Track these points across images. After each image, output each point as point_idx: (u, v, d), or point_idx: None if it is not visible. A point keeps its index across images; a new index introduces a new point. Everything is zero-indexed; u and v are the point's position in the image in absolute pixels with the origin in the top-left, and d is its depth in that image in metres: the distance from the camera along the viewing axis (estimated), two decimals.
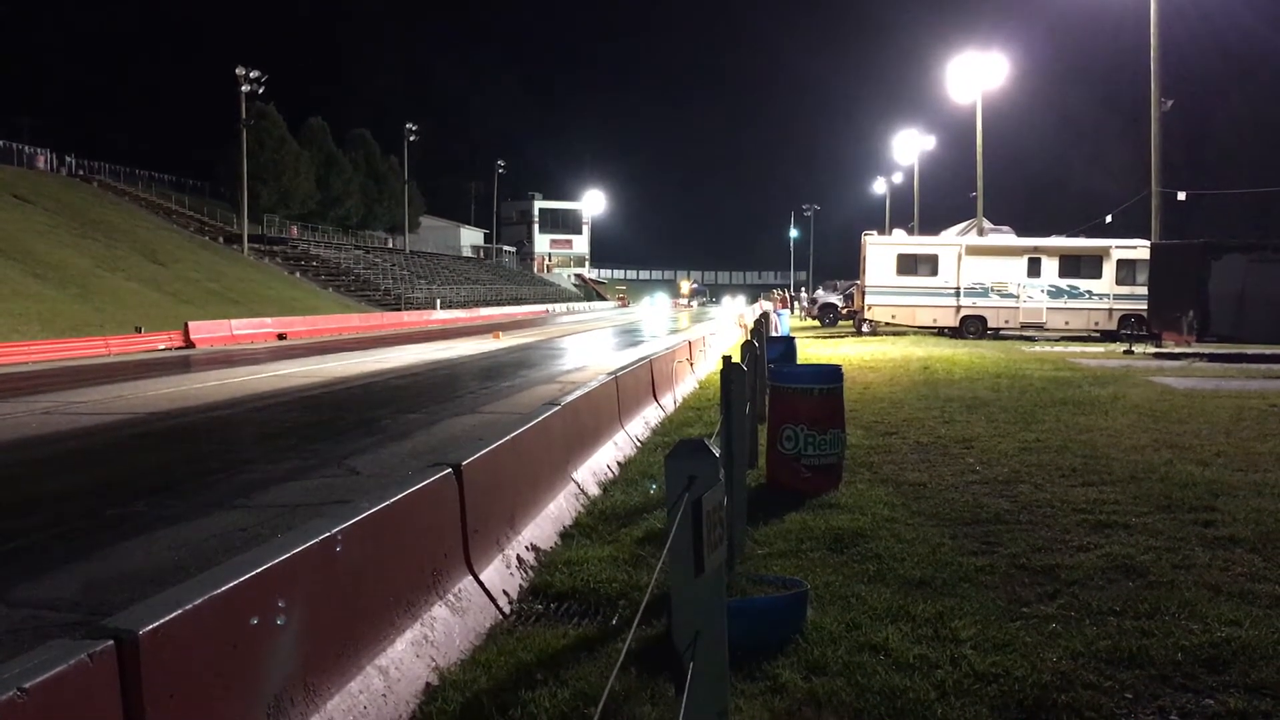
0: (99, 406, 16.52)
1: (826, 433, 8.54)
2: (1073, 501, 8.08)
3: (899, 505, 8.02)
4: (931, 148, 69.04)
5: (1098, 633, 5.06)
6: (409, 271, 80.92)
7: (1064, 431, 11.83)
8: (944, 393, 16.27)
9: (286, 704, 3.62)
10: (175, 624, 3.03)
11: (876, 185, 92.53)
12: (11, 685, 2.39)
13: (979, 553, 6.62)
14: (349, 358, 28.05)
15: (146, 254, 52.18)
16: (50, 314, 35.96)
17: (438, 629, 4.89)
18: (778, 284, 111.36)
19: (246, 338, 38.39)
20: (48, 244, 45.60)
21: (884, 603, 5.52)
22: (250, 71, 60.35)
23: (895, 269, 35.68)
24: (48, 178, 62.86)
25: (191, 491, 9.63)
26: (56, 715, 2.52)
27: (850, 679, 4.52)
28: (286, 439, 13.14)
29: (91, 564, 6.99)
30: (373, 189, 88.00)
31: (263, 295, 53.40)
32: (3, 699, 2.34)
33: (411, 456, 11.03)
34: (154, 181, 74.27)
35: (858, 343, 31.88)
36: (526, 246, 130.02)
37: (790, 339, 18.55)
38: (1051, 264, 34.88)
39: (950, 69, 47.77)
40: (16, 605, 6.06)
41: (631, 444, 10.93)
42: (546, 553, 6.71)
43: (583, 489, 8.44)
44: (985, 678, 4.52)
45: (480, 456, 5.94)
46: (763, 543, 6.89)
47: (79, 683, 2.60)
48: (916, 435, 11.73)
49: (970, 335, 34.71)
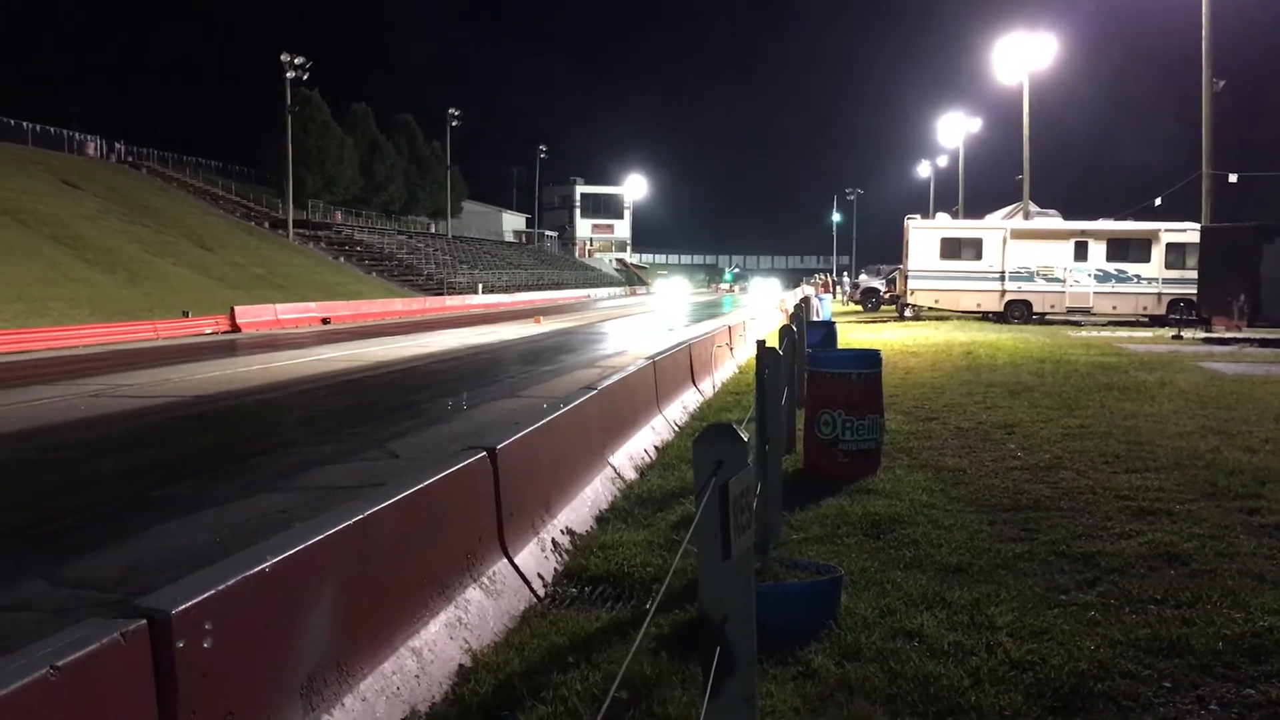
0: (146, 389, 16.77)
1: (865, 418, 8.48)
2: (1115, 488, 7.96)
3: (937, 491, 7.95)
4: (977, 130, 68.21)
5: (1137, 621, 4.99)
6: (451, 256, 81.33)
7: (1108, 417, 11.66)
8: (986, 378, 16.10)
9: (320, 684, 3.66)
10: (208, 604, 3.06)
11: (920, 168, 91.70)
12: (44, 663, 2.42)
13: (1018, 539, 6.55)
14: (391, 342, 28.27)
15: (194, 239, 52.85)
16: (100, 298, 36.54)
17: (471, 611, 4.91)
18: (820, 268, 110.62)
19: (291, 322, 38.80)
20: (97, 230, 46.32)
21: (920, 589, 5.47)
22: (295, 58, 60.84)
23: (939, 253, 35.33)
24: (97, 164, 63.84)
25: (234, 473, 9.76)
26: (88, 693, 2.55)
27: (883, 665, 4.49)
28: (328, 422, 13.28)
29: (135, 544, 7.11)
30: (415, 174, 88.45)
31: (307, 280, 53.92)
32: (35, 676, 2.38)
33: (451, 440, 11.09)
34: (201, 167, 75.18)
35: (900, 327, 31.63)
36: (568, 231, 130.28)
37: (831, 324, 18.46)
38: (1099, 248, 34.38)
39: (997, 49, 47.04)
40: (61, 584, 6.18)
41: (669, 429, 10.92)
42: (582, 536, 6.73)
43: (619, 473, 8.44)
44: (1021, 665, 4.47)
45: (515, 440, 5.96)
46: (798, 528, 6.86)
47: (111, 661, 2.64)
48: (957, 421, 11.62)
49: (1015, 320, 34.31)
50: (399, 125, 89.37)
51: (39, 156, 57.51)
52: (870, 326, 32.59)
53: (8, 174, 49.19)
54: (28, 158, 55.85)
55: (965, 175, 68.02)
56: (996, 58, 47.29)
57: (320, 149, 73.23)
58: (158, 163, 70.95)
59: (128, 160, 68.94)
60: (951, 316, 36.18)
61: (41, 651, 2.49)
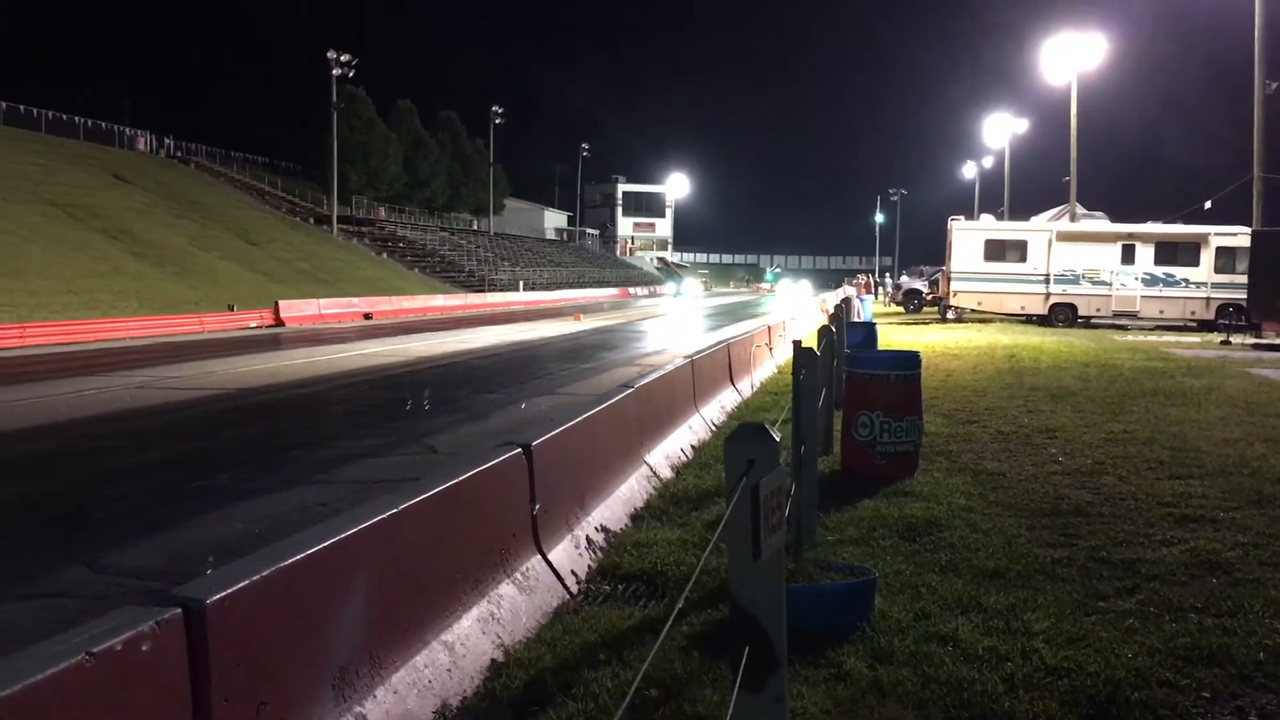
0: (191, 382, 17.01)
1: (902, 420, 8.42)
2: (1158, 495, 7.84)
3: (976, 495, 7.88)
4: (1023, 131, 67.39)
5: (1177, 629, 4.91)
6: (493, 253, 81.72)
7: (1153, 423, 11.49)
8: (1029, 381, 15.93)
9: (352, 675, 3.69)
10: (242, 594, 3.09)
11: (965, 169, 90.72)
12: (80, 649, 2.46)
13: (1057, 545, 6.47)
14: (432, 338, 28.46)
15: (240, 234, 53.52)
16: (148, 291, 37.10)
17: (504, 607, 4.93)
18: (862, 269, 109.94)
19: (334, 317, 39.19)
20: (146, 224, 47.04)
21: (955, 593, 5.42)
22: (341, 55, 61.40)
23: (983, 254, 34.99)
24: (147, 159, 64.89)
25: (274, 466, 9.87)
26: (122, 679, 2.59)
27: (916, 669, 4.45)
28: (368, 416, 13.40)
29: (175, 534, 7.21)
30: (458, 171, 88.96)
31: (351, 275, 54.43)
32: (71, 662, 2.42)
33: (489, 436, 11.13)
34: (248, 163, 76.15)
35: (942, 329, 31.37)
36: (609, 229, 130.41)
37: (871, 325, 18.35)
38: (1147, 251, 33.88)
39: (1045, 50, 46.44)
40: (103, 572, 6.28)
41: (706, 428, 10.90)
42: (616, 534, 6.74)
43: (655, 471, 8.44)
44: (1057, 672, 4.41)
45: (551, 437, 5.97)
46: (834, 529, 6.82)
47: (145, 649, 2.67)
48: (998, 424, 11.50)
49: (1059, 323, 33.90)
50: (442, 122, 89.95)
51: (91, 151, 58.54)
52: (912, 328, 32.34)
53: (60, 168, 50.08)
54: (80, 152, 56.85)
55: (1011, 176, 67.30)
56: (1044, 58, 46.70)
57: (365, 145, 73.86)
58: (206, 158, 71.97)
59: (177, 155, 70.05)
60: (995, 319, 35.83)
61: (78, 638, 2.54)
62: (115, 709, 2.57)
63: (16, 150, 50.06)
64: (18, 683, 2.28)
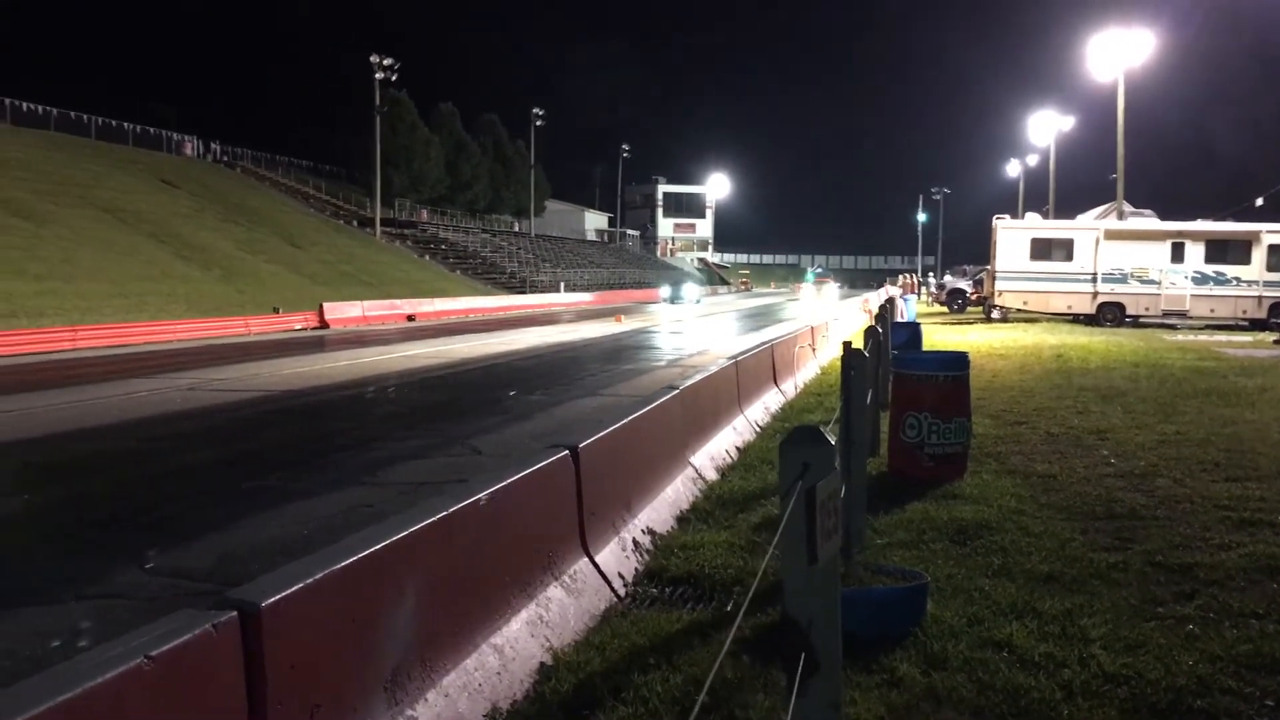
0: (237, 384, 17.19)
1: (950, 421, 8.32)
2: (1214, 497, 7.69)
3: (1026, 497, 7.77)
4: (1069, 128, 66.48)
5: (1238, 636, 4.80)
6: (534, 255, 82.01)
7: (1206, 424, 11.28)
8: (1078, 382, 15.71)
9: (404, 678, 3.69)
10: (296, 597, 3.10)
11: (1009, 167, 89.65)
12: (139, 653, 2.47)
13: (1111, 549, 6.36)
14: (475, 339, 28.59)
15: (285, 237, 54.09)
16: (195, 294, 37.58)
17: (553, 610, 4.92)
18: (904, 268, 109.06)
19: (378, 319, 39.48)
20: (194, 227, 47.65)
21: (1008, 598, 5.34)
22: (384, 59, 61.87)
23: (1028, 253, 34.59)
24: (194, 163, 65.76)
25: (321, 468, 9.94)
26: (181, 683, 2.60)
27: (971, 675, 4.38)
28: (413, 418, 13.46)
29: (225, 535, 7.27)
30: (499, 173, 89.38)
31: (394, 278, 54.82)
32: (130, 666, 2.43)
33: (533, 438, 11.15)
34: (293, 167, 76.94)
35: (987, 329, 31.05)
36: (650, 230, 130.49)
37: (916, 325, 18.18)
38: (1196, 249, 33.33)
39: (1091, 46, 45.77)
40: (155, 573, 6.34)
41: (751, 429, 10.84)
42: (662, 536, 6.70)
43: (700, 473, 8.40)
44: (1115, 679, 4.33)
45: (597, 439, 5.95)
46: (883, 532, 6.75)
47: (203, 652, 2.68)
48: (1047, 425, 11.34)
49: (1107, 323, 33.43)
50: (484, 125, 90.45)
51: (139, 156, 59.44)
52: (956, 328, 32.04)
53: (110, 173, 50.90)
54: (128, 157, 57.74)
55: (1056, 174, 66.42)
56: (1091, 54, 46.02)
57: (408, 148, 74.41)
58: (251, 162, 72.88)
59: (223, 160, 70.99)
60: (1041, 318, 35.41)
61: (136, 641, 2.55)
62: (173, 712, 2.58)
63: (68, 156, 50.95)
64: (78, 686, 2.29)
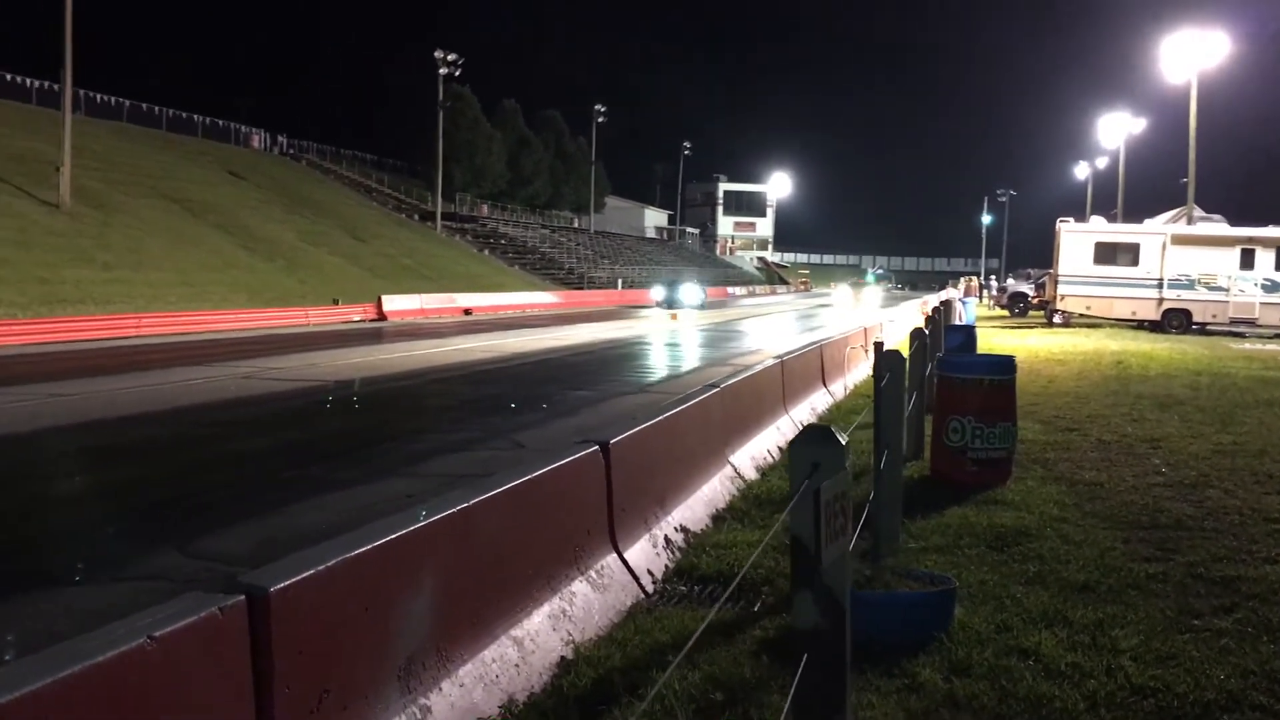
0: (293, 373, 17.47)
1: (995, 426, 8.19)
2: (1265, 510, 7.49)
3: (1070, 505, 7.62)
4: (1139, 131, 65.11)
5: (1274, 651, 4.67)
6: (593, 251, 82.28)
7: (1266, 435, 10.99)
8: (1135, 389, 15.39)
9: (418, 667, 3.72)
10: (307, 583, 3.13)
11: (1077, 170, 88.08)
12: (142, 633, 2.52)
13: (1152, 559, 6.22)
14: (529, 334, 28.76)
15: (347, 230, 54.84)
16: (258, 285, 38.26)
17: (576, 604, 4.93)
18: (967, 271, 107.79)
19: (435, 312, 39.89)
20: (259, 219, 48.52)
21: (1040, 606, 5.24)
22: (448, 55, 62.47)
23: (1092, 258, 33.94)
24: (261, 156, 66.99)
25: (366, 458, 10.06)
26: (184, 664, 2.64)
27: (994, 683, 4.31)
28: (460, 411, 13.58)
29: (266, 521, 7.39)
30: (560, 170, 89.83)
31: (452, 271, 55.33)
32: (133, 645, 2.47)
33: (577, 433, 11.08)
34: (357, 161, 77.96)
35: (1047, 334, 30.55)
36: (710, 228, 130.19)
37: (971, 328, 17.94)
38: (1267, 256, 32.48)
39: (1163, 47, 44.80)
40: (194, 556, 6.47)
41: (795, 429, 10.76)
42: (696, 534, 6.69)
43: (739, 472, 8.37)
44: (1142, 691, 4.23)
45: (630, 435, 5.95)
46: (918, 536, 6.67)
47: (208, 634, 2.73)
48: (1099, 432, 11.12)
49: (1173, 330, 32.69)
50: (546, 121, 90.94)
51: (208, 148, 60.67)
52: (1015, 332, 31.57)
53: (180, 165, 51.98)
54: (198, 149, 58.95)
55: (1125, 178, 65.10)
56: (1163, 56, 45.02)
57: (470, 144, 75.09)
58: (316, 155, 74.00)
59: (289, 153, 72.22)
60: (1104, 324, 34.76)
61: (142, 621, 2.60)
62: (175, 691, 2.63)
63: (139, 147, 52.14)
64: (78, 663, 2.34)
